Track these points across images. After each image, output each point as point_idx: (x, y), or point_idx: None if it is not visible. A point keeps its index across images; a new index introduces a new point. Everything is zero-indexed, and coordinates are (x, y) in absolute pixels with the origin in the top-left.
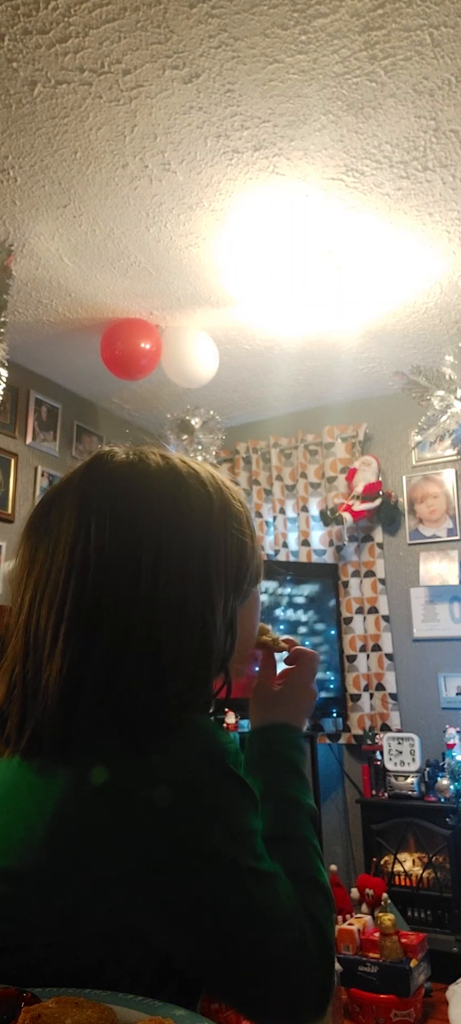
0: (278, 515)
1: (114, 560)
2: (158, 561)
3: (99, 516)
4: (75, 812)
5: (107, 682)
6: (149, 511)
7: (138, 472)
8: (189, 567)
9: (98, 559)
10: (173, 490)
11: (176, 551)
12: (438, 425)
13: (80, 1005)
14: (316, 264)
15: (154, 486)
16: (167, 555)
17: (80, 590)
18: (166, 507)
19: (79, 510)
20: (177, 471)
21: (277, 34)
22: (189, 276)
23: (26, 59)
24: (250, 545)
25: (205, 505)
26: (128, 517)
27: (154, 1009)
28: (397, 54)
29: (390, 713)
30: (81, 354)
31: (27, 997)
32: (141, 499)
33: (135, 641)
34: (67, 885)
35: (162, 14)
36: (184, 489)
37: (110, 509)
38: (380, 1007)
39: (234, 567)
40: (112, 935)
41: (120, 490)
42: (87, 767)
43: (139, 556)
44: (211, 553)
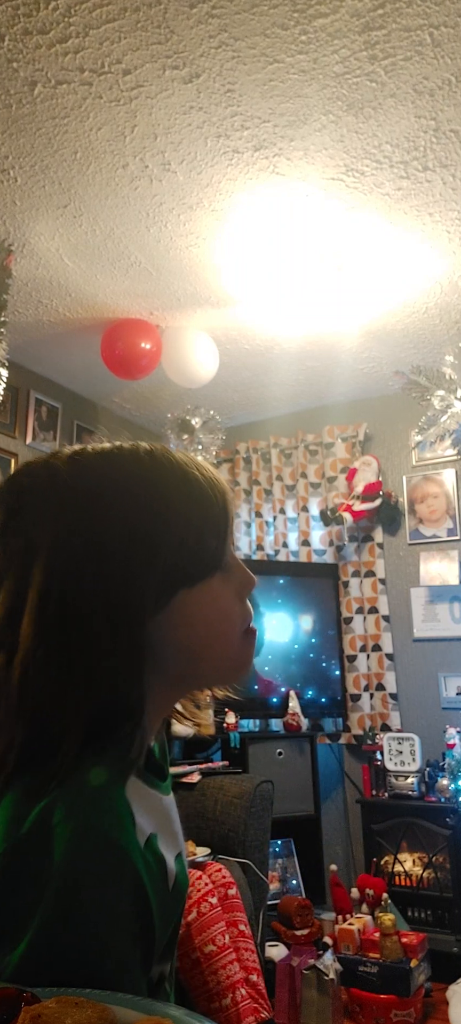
0: (278, 515)
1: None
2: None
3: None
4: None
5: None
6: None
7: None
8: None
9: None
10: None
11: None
12: (438, 425)
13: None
14: (316, 264)
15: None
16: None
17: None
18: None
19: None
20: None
21: (277, 34)
22: (189, 276)
23: (26, 59)
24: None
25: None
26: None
27: (153, 1009)
28: (397, 54)
29: (390, 713)
30: (81, 354)
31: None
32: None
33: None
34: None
35: (162, 14)
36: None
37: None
38: (380, 1007)
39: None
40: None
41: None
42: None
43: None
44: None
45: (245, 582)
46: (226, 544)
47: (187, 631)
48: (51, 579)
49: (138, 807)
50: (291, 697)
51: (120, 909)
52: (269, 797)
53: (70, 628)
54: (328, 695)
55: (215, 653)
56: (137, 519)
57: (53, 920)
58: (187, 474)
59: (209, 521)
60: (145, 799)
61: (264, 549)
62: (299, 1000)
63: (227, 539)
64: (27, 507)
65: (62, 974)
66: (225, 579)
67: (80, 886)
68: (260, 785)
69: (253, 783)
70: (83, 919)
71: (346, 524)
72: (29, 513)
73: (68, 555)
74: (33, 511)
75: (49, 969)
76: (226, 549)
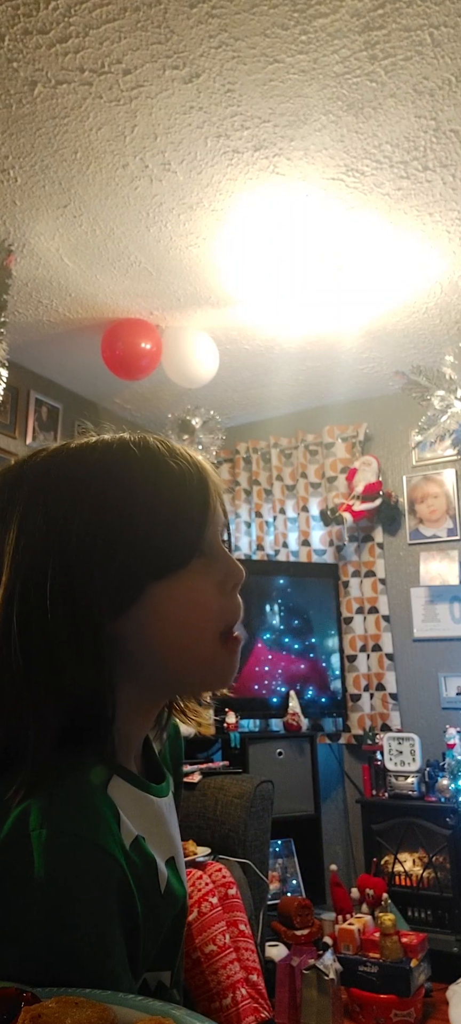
0: (278, 515)
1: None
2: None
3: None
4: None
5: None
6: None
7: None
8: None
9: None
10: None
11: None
12: (438, 425)
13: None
14: (316, 264)
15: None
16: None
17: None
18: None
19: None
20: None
21: (277, 34)
22: (189, 276)
23: (26, 59)
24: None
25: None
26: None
27: (154, 1009)
28: (397, 54)
29: (390, 713)
30: (81, 354)
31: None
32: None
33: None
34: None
35: (162, 14)
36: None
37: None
38: (380, 1007)
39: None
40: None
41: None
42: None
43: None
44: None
45: (229, 572)
46: (204, 533)
47: (159, 626)
48: (15, 577)
49: (124, 808)
50: (291, 697)
51: (105, 910)
52: (269, 797)
53: (32, 628)
54: (328, 695)
55: (186, 653)
56: (98, 512)
57: (39, 932)
58: (158, 461)
59: (180, 509)
60: (132, 801)
61: (264, 549)
62: (299, 1000)
63: (206, 528)
64: (1, 504)
65: (53, 980)
66: (204, 570)
67: (61, 895)
68: (260, 785)
69: (253, 783)
70: (68, 926)
71: (346, 524)
72: (1, 511)
73: (31, 553)
74: (4, 508)
75: (41, 975)
76: (204, 538)
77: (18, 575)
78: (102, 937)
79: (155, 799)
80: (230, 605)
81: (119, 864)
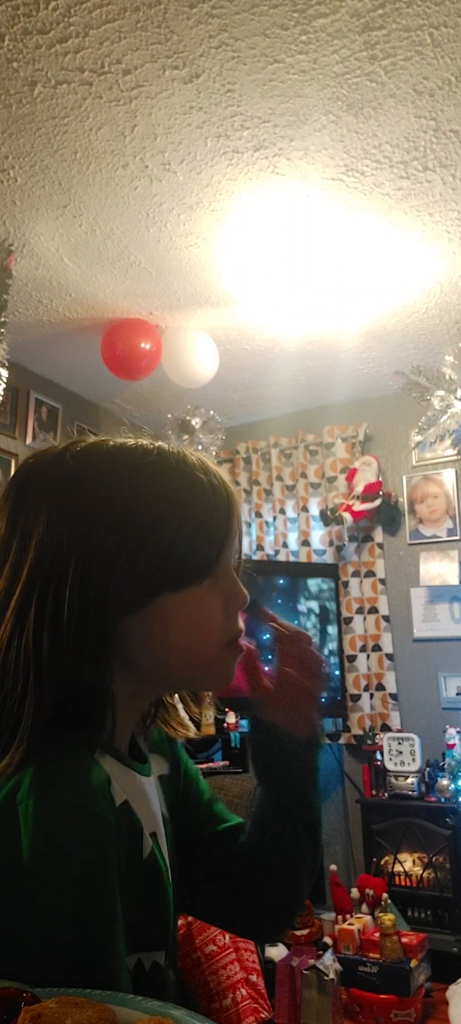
0: (278, 515)
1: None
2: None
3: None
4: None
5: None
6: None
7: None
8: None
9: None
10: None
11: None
12: (438, 425)
13: (80, 1005)
14: (316, 264)
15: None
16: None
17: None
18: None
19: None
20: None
21: (277, 34)
22: (189, 276)
23: (26, 59)
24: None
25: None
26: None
27: (154, 1009)
28: (397, 54)
29: (390, 713)
30: (81, 354)
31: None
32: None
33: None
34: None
35: (162, 14)
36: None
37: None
38: (380, 1007)
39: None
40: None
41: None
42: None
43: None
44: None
45: (233, 595)
46: (223, 553)
47: (163, 631)
48: (41, 559)
49: (114, 776)
50: None
51: (101, 876)
52: None
53: (47, 610)
54: (328, 695)
55: (187, 660)
56: (129, 515)
57: (27, 909)
58: (192, 478)
59: (205, 528)
60: (120, 774)
61: (264, 549)
62: (299, 1000)
63: (225, 548)
64: (29, 493)
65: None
66: (213, 588)
67: (50, 862)
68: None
69: (253, 783)
70: (58, 893)
71: (346, 524)
72: (31, 499)
73: (59, 538)
74: (34, 497)
75: (35, 962)
76: (222, 558)
77: (44, 557)
78: (102, 910)
79: (138, 775)
80: (231, 624)
81: (112, 826)
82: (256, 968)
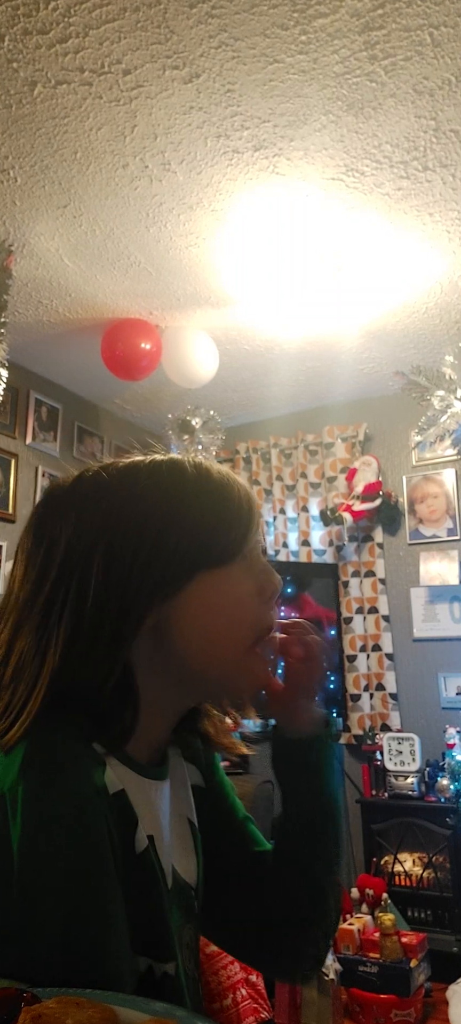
0: (278, 515)
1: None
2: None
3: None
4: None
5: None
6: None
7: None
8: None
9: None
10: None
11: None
12: (438, 425)
13: (81, 1005)
14: (316, 264)
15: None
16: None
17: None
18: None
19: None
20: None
21: (277, 34)
22: (189, 276)
23: (26, 59)
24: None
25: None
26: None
27: (156, 1010)
28: (397, 54)
29: (390, 713)
30: (81, 354)
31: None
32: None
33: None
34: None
35: (162, 14)
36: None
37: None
38: (380, 1007)
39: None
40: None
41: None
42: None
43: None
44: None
45: (269, 580)
46: (249, 537)
47: (204, 615)
48: (64, 566)
49: (111, 765)
50: None
51: (94, 859)
52: (270, 797)
53: (66, 611)
54: (328, 695)
55: (223, 650)
56: (146, 519)
57: (18, 899)
58: (209, 472)
59: (227, 511)
60: (117, 767)
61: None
62: (299, 1000)
63: (251, 532)
64: (52, 512)
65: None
66: (248, 572)
67: (41, 858)
68: (261, 785)
69: (254, 783)
70: (50, 890)
71: (346, 524)
72: (54, 516)
73: (82, 545)
74: (57, 515)
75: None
76: (248, 542)
77: (69, 559)
78: (97, 905)
79: (148, 780)
80: (266, 614)
81: (104, 813)
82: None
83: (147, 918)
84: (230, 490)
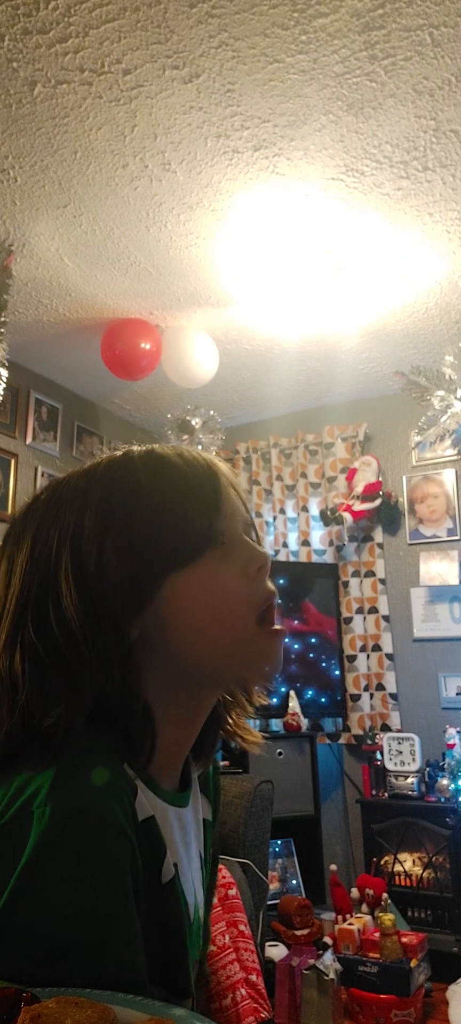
0: (278, 515)
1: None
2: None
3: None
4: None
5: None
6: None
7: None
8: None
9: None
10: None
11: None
12: (438, 425)
13: (80, 1005)
14: (316, 264)
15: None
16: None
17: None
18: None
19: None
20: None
21: (277, 34)
22: (189, 276)
23: (26, 59)
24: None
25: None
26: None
27: (154, 1009)
28: (397, 54)
29: (390, 713)
30: (81, 354)
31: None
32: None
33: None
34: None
35: (162, 14)
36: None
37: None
38: (380, 1007)
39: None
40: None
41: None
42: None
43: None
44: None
45: (252, 558)
46: (217, 523)
47: (185, 617)
48: (30, 583)
49: (141, 791)
50: (291, 697)
51: (118, 890)
52: (269, 797)
53: (52, 629)
54: (328, 695)
55: (220, 640)
56: (104, 514)
57: (34, 920)
58: (162, 460)
59: (190, 500)
60: (151, 801)
61: None
62: (299, 1000)
63: (218, 518)
64: (13, 532)
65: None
66: (223, 559)
67: (54, 862)
68: (260, 785)
69: (253, 783)
70: (69, 913)
71: (346, 524)
72: (16, 534)
73: (45, 560)
74: (19, 533)
75: (41, 973)
76: (217, 528)
77: (32, 581)
78: (116, 921)
79: (170, 806)
80: (258, 588)
81: (129, 838)
82: (256, 968)
83: (167, 951)
84: (187, 476)
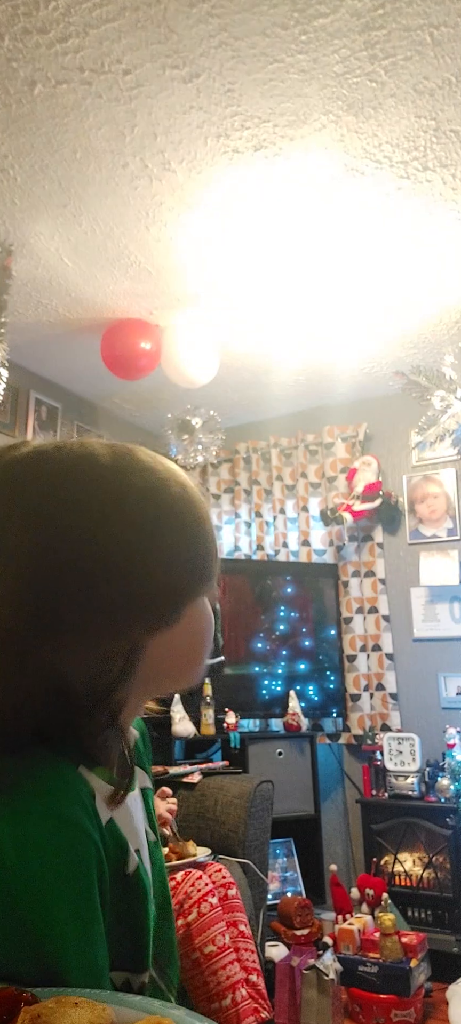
0: (278, 515)
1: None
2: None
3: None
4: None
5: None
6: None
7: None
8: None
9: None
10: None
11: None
12: (438, 425)
13: (80, 1005)
14: (316, 264)
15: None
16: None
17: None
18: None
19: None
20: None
21: (277, 34)
22: (189, 276)
23: (26, 59)
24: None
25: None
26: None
27: (153, 1009)
28: (397, 54)
29: (390, 713)
30: (81, 354)
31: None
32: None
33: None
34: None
35: (162, 14)
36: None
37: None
38: (380, 1007)
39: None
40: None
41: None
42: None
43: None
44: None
45: (208, 624)
46: (205, 585)
47: (164, 665)
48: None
49: (98, 790)
50: (291, 697)
51: (84, 893)
52: (269, 797)
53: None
54: (328, 695)
55: (189, 671)
56: (94, 577)
57: (8, 931)
58: (158, 507)
59: (176, 565)
60: (103, 788)
61: (264, 549)
62: (299, 1000)
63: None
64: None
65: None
66: (200, 603)
67: (29, 884)
68: (260, 785)
69: (253, 783)
70: (38, 919)
71: (346, 524)
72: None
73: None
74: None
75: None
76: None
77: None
78: (84, 925)
79: (129, 793)
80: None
81: (95, 842)
82: (256, 968)
83: (131, 934)
84: (182, 534)
